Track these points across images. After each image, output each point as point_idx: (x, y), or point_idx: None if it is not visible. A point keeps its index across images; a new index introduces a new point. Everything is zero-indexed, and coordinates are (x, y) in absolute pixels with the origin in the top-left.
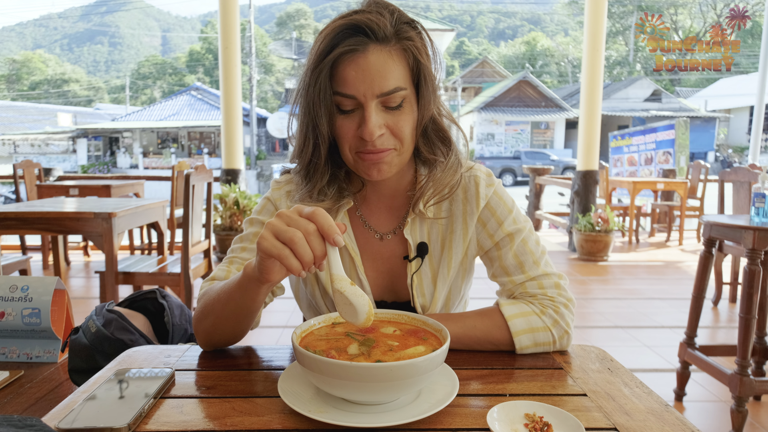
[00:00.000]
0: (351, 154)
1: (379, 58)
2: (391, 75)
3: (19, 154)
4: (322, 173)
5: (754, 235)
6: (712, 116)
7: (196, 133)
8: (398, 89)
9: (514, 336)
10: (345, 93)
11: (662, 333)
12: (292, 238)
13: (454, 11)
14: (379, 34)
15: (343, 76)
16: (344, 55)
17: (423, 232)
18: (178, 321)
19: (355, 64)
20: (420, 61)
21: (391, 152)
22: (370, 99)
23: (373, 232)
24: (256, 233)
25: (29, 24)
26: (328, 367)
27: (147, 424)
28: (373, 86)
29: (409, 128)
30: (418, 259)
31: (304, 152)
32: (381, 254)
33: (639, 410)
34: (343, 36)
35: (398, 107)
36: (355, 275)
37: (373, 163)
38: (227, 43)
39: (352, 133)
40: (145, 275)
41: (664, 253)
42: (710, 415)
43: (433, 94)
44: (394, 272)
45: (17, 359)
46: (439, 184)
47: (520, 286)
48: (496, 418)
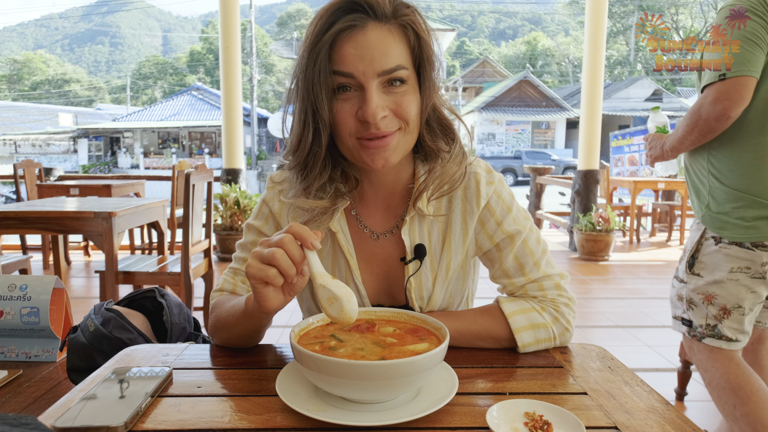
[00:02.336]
0: (351, 140)
1: (379, 35)
2: (392, 52)
3: (20, 154)
4: (321, 168)
5: None
6: None
7: (197, 133)
8: (400, 67)
9: (515, 333)
10: (343, 71)
11: (663, 332)
12: (273, 255)
13: (454, 11)
14: (378, 11)
15: (341, 53)
16: (342, 32)
17: (422, 233)
18: (177, 320)
19: (354, 41)
20: (421, 40)
21: (395, 134)
22: (371, 78)
23: (369, 232)
24: (254, 242)
25: (30, 24)
26: (327, 365)
27: (144, 423)
28: (373, 63)
29: (414, 110)
30: (416, 261)
31: (303, 142)
32: (377, 256)
33: (640, 409)
34: (341, 13)
35: (400, 86)
36: (350, 278)
37: (378, 150)
38: (228, 43)
39: (350, 117)
40: (146, 275)
41: (665, 252)
42: (711, 415)
43: (435, 76)
44: (391, 275)
45: (16, 358)
46: (443, 176)
47: (521, 288)
48: (496, 417)
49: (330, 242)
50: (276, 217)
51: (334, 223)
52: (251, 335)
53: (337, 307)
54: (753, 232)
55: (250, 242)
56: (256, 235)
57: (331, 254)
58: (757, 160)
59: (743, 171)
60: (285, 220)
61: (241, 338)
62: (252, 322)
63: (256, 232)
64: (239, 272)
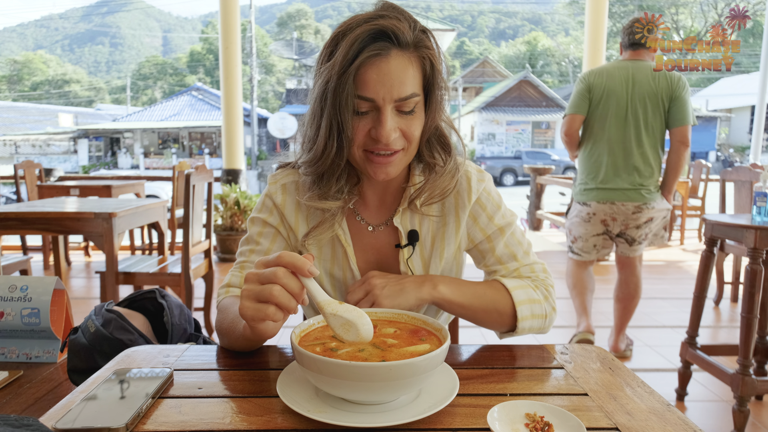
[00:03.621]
0: (359, 151)
1: (400, 64)
2: (409, 81)
3: (21, 154)
4: (339, 175)
5: (756, 235)
6: (714, 116)
7: (197, 134)
8: (414, 95)
9: (517, 306)
10: (365, 96)
11: (664, 332)
12: (270, 293)
13: (454, 11)
14: (402, 40)
15: (364, 78)
16: (369, 58)
17: (414, 222)
18: (177, 321)
19: (378, 68)
20: (435, 69)
21: (399, 154)
22: (388, 103)
23: (365, 224)
24: (259, 233)
25: (30, 25)
26: (327, 366)
27: (145, 424)
28: (392, 91)
29: (419, 132)
30: (410, 247)
31: (326, 154)
32: (372, 245)
33: (641, 410)
34: (369, 40)
35: (411, 112)
36: (347, 266)
37: (381, 166)
38: (228, 43)
39: (364, 133)
40: (146, 275)
41: (665, 252)
42: (712, 415)
43: (441, 101)
44: (386, 262)
45: (16, 359)
46: (435, 188)
47: (514, 271)
48: (497, 418)
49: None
50: (280, 208)
51: None
52: (251, 348)
53: (353, 331)
54: (581, 197)
55: (255, 234)
56: (261, 226)
57: (330, 244)
58: (585, 162)
59: (581, 167)
60: (289, 212)
61: (242, 349)
62: (250, 344)
63: (262, 224)
64: (246, 265)
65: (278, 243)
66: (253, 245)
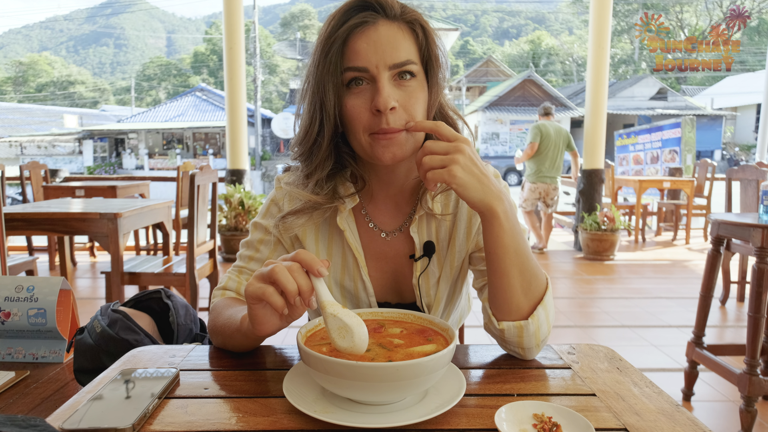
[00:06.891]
0: (364, 135)
1: (390, 31)
2: (402, 47)
3: (26, 155)
4: (323, 160)
5: (763, 234)
6: (719, 114)
7: (201, 134)
8: (410, 62)
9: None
10: (357, 66)
11: (670, 332)
12: (273, 270)
13: (458, 11)
14: (389, 10)
15: (354, 49)
16: (355, 28)
17: (430, 231)
18: (183, 321)
19: (366, 37)
20: (428, 37)
21: (403, 132)
22: (383, 70)
23: (378, 231)
24: (260, 240)
25: (35, 26)
26: (334, 366)
27: (151, 425)
28: (384, 57)
29: (421, 107)
30: (425, 258)
31: (309, 133)
32: (385, 254)
33: (649, 410)
34: (353, 12)
35: (411, 79)
36: (358, 275)
37: (386, 146)
38: (232, 44)
39: (364, 112)
40: (151, 275)
41: (670, 251)
42: (719, 415)
43: (442, 76)
44: (399, 272)
45: (23, 359)
46: None
47: None
48: (504, 419)
49: (339, 240)
50: None
51: (342, 221)
52: (246, 348)
53: (348, 338)
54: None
55: (256, 240)
56: (263, 233)
57: (341, 252)
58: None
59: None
60: None
61: (235, 348)
62: (246, 341)
63: (263, 231)
64: (244, 270)
65: (278, 252)
66: (253, 252)
